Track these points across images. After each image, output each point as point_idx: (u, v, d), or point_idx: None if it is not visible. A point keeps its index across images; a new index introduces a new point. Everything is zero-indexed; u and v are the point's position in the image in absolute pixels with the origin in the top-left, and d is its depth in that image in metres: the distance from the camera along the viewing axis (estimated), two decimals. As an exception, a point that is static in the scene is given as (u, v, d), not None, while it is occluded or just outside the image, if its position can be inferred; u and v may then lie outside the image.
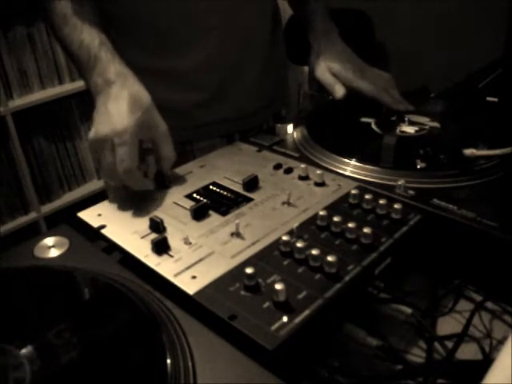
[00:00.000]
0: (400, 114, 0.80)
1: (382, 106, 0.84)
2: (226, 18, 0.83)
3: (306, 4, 0.92)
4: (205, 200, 0.60)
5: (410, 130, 0.76)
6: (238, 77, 0.88)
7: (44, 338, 0.42)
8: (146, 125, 0.62)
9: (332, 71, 0.86)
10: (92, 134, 0.61)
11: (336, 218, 0.53)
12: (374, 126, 0.79)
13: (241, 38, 0.86)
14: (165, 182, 0.65)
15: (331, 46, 0.88)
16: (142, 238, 0.54)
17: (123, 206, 0.61)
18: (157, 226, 0.54)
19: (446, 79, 0.97)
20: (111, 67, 0.64)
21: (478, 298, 0.57)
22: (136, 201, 0.61)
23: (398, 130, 0.76)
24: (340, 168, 0.66)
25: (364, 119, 0.81)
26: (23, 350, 0.40)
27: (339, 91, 0.84)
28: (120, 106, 0.61)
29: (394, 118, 0.80)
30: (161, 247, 0.51)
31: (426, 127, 0.76)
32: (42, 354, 0.40)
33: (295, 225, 0.53)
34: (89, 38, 0.67)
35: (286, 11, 1.05)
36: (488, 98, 0.85)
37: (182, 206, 0.60)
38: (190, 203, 0.59)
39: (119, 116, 0.60)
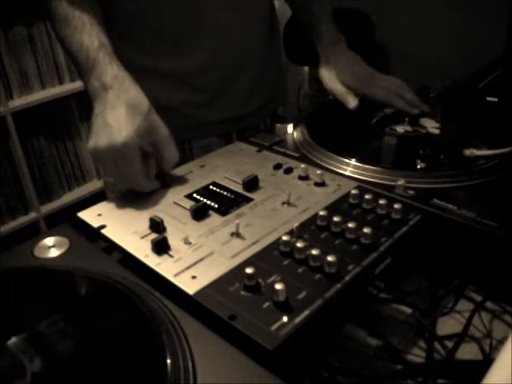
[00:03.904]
0: (416, 116, 0.80)
1: (383, 106, 0.83)
2: (225, 20, 0.83)
3: (311, 11, 0.91)
4: (205, 200, 0.60)
5: (401, 129, 0.76)
6: (237, 77, 0.88)
7: (44, 338, 0.42)
8: (146, 130, 0.61)
9: (342, 80, 0.85)
10: (91, 145, 0.61)
11: (336, 218, 0.53)
12: (373, 126, 0.79)
13: (240, 39, 0.86)
14: (166, 182, 0.65)
15: (340, 55, 0.88)
16: (142, 237, 0.54)
17: (123, 205, 0.61)
18: (157, 226, 0.54)
19: (446, 79, 0.97)
20: (108, 70, 0.64)
21: (478, 298, 0.57)
22: (136, 201, 0.61)
23: (387, 129, 0.76)
24: (340, 168, 0.66)
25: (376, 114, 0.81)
26: (23, 350, 0.40)
27: (352, 102, 0.83)
28: (118, 115, 0.60)
29: (393, 117, 0.80)
30: (161, 247, 0.51)
31: (423, 130, 0.76)
32: (42, 354, 0.40)
33: (295, 225, 0.53)
34: (88, 40, 0.66)
35: (286, 12, 1.05)
36: (488, 98, 0.85)
37: (182, 206, 0.60)
38: (190, 203, 0.59)
39: (118, 127, 0.59)
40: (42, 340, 0.42)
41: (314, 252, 0.47)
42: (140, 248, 0.52)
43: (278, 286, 0.43)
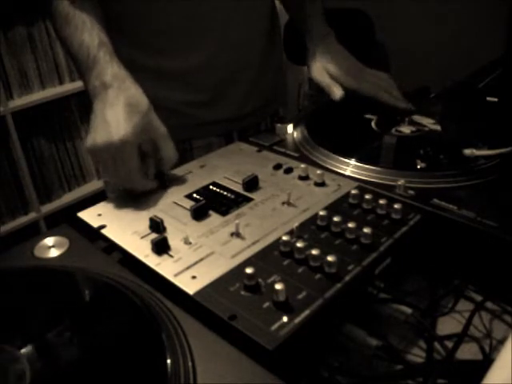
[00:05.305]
0: (403, 113, 0.80)
1: (383, 105, 0.83)
2: (225, 20, 0.83)
3: (302, 8, 0.92)
4: (205, 200, 0.60)
5: (406, 130, 0.76)
6: (237, 77, 0.88)
7: (44, 338, 0.42)
8: (144, 128, 0.61)
9: (329, 73, 0.86)
10: (90, 142, 0.60)
11: (336, 218, 0.53)
12: (373, 126, 0.79)
13: (240, 38, 0.86)
14: (164, 182, 0.65)
15: (328, 48, 0.88)
16: (142, 238, 0.54)
17: (123, 206, 0.61)
18: (157, 226, 0.54)
19: (446, 79, 0.97)
20: (108, 69, 0.64)
21: (478, 297, 0.57)
22: (136, 201, 0.61)
23: (393, 130, 0.76)
24: (340, 168, 0.66)
25: (368, 116, 0.81)
26: (23, 350, 0.40)
27: (337, 92, 0.84)
28: (117, 113, 0.60)
29: (394, 118, 0.80)
30: (161, 247, 0.51)
31: (425, 128, 0.76)
32: (41, 354, 0.40)
33: (295, 225, 0.53)
34: (89, 38, 0.67)
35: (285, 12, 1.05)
36: (488, 98, 0.85)
37: (182, 206, 0.60)
38: (190, 203, 0.59)
39: (116, 124, 0.59)
40: (42, 340, 0.42)
41: (314, 252, 0.47)
42: (140, 248, 0.52)
43: (278, 286, 0.43)
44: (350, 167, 0.66)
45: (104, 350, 0.41)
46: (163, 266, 0.49)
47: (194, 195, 0.62)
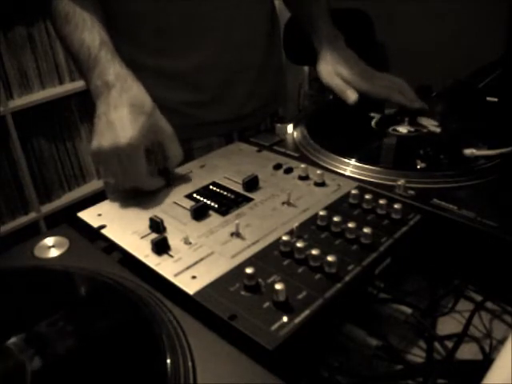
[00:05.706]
0: (417, 113, 0.80)
1: (383, 105, 0.83)
2: (225, 20, 0.83)
3: (308, 9, 0.91)
4: (205, 200, 0.60)
5: (403, 130, 0.76)
6: (237, 77, 0.88)
7: (44, 338, 0.42)
8: (149, 129, 0.61)
9: (341, 76, 0.85)
10: (95, 146, 0.60)
11: (336, 218, 0.53)
12: (373, 126, 0.79)
13: (240, 39, 0.86)
14: (169, 180, 0.65)
15: (338, 52, 0.87)
16: (142, 238, 0.54)
17: (123, 206, 0.61)
18: (157, 226, 0.54)
19: (446, 79, 0.97)
20: (110, 68, 0.64)
21: (478, 297, 0.57)
22: (136, 201, 0.61)
23: (390, 129, 0.76)
24: (340, 168, 0.66)
25: (373, 114, 0.81)
26: (23, 350, 0.40)
27: (352, 96, 0.83)
28: (122, 115, 0.60)
29: (393, 118, 0.80)
30: (161, 247, 0.51)
31: (425, 128, 0.76)
32: (41, 354, 0.40)
33: (295, 225, 0.53)
34: (89, 37, 0.66)
35: (286, 12, 1.05)
36: (488, 98, 0.85)
37: (182, 206, 0.60)
38: (190, 203, 0.59)
39: (122, 126, 0.59)
40: (42, 340, 0.42)
41: (314, 252, 0.47)
42: (140, 248, 0.52)
43: (278, 286, 0.43)
44: (350, 167, 0.66)
45: (104, 349, 0.41)
46: (163, 266, 0.49)
47: (194, 195, 0.62)
